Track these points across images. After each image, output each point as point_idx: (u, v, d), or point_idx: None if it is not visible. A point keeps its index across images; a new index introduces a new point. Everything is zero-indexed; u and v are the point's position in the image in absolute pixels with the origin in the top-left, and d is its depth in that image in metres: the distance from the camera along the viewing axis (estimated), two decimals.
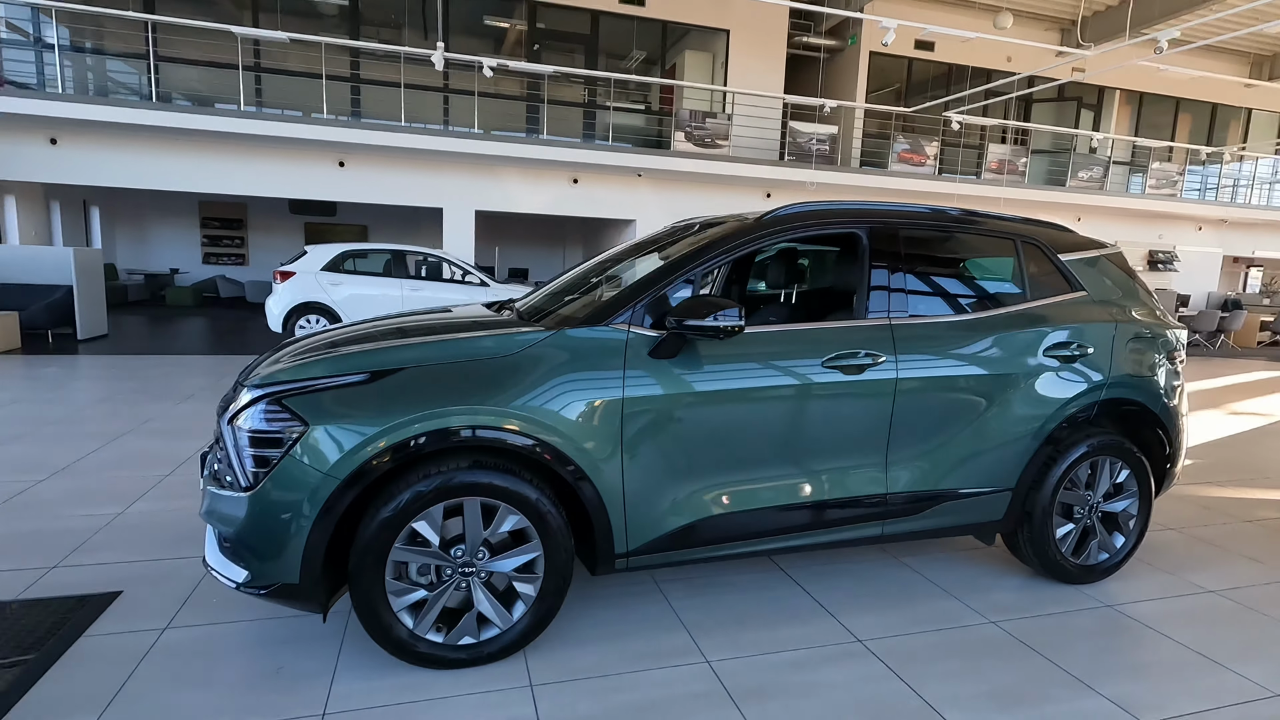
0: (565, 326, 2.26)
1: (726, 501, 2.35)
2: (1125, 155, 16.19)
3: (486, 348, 2.16)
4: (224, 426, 2.09)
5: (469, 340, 2.19)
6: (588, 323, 2.26)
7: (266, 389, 2.05)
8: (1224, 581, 3.04)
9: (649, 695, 2.06)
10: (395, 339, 2.27)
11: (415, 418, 2.00)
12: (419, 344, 2.16)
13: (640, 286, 2.34)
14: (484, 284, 8.95)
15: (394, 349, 2.14)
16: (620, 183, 12.58)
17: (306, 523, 1.96)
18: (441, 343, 2.17)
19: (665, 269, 2.38)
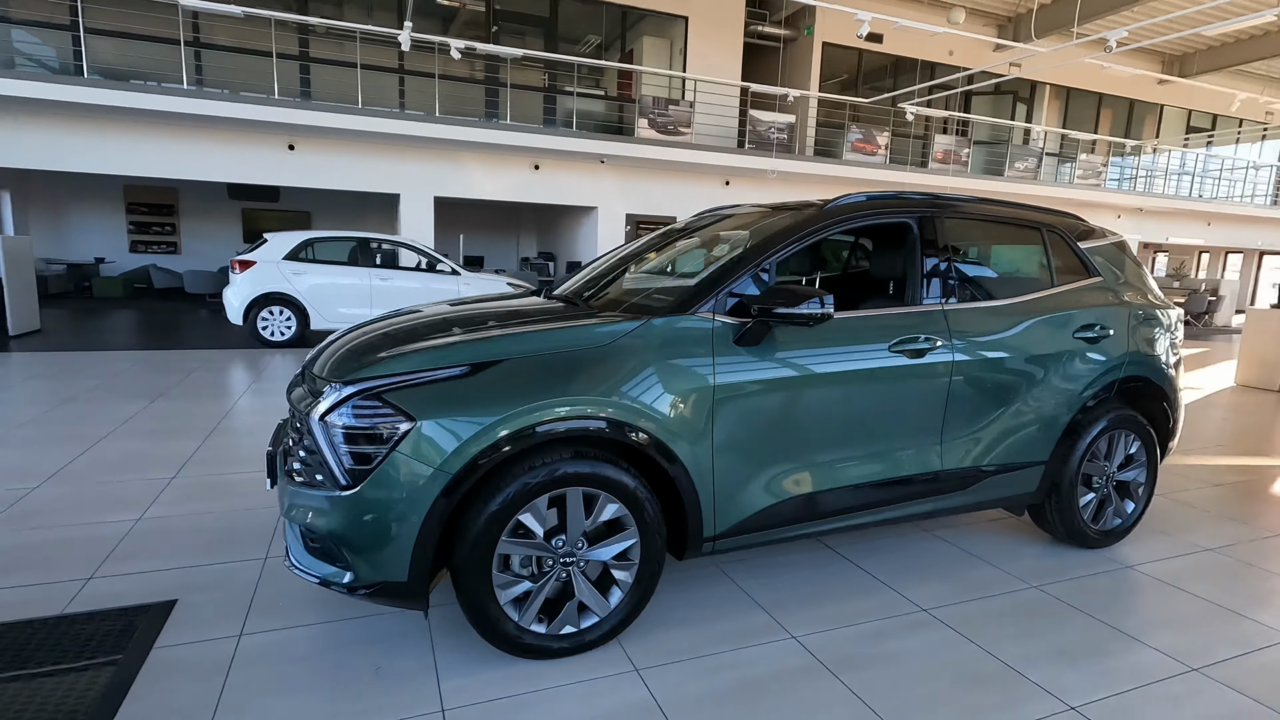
0: (651, 316, 2.27)
1: (803, 483, 2.43)
2: (1054, 147, 17.16)
3: (581, 338, 2.16)
4: (314, 424, 2.02)
5: (562, 331, 2.18)
6: (674, 311, 2.28)
7: (363, 384, 1.99)
8: (1217, 540, 3.34)
9: (752, 672, 2.13)
10: (475, 331, 2.23)
11: (524, 409, 1.98)
12: (514, 335, 2.14)
13: (720, 276, 2.38)
14: (455, 273, 8.75)
15: (490, 341, 2.11)
16: (583, 169, 12.48)
17: (417, 519, 1.93)
18: (537, 334, 2.15)
19: (742, 259, 2.42)
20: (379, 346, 2.22)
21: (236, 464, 3.88)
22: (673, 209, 13.37)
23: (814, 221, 2.55)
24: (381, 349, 2.19)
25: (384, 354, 2.11)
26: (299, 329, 8.10)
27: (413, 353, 2.06)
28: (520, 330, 2.18)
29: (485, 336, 2.14)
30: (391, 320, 2.69)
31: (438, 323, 2.44)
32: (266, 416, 4.95)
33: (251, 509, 3.25)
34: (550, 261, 15.50)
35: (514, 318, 2.41)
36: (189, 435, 4.39)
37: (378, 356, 2.09)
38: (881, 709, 1.98)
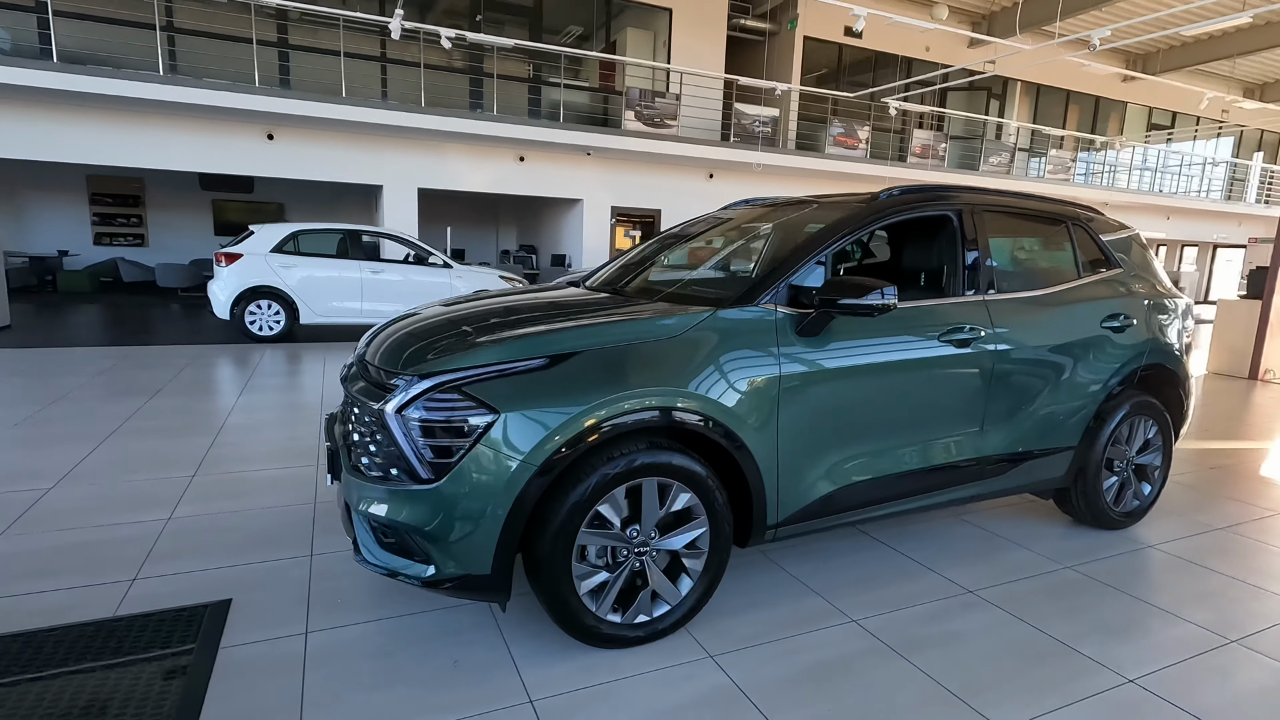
0: (713, 307, 2.29)
1: (859, 470, 2.48)
2: (1025, 143, 17.60)
3: (653, 330, 2.17)
4: (389, 418, 1.99)
5: (634, 323, 2.18)
6: (737, 303, 2.31)
7: (441, 377, 1.97)
8: (1223, 520, 3.50)
9: (823, 655, 2.18)
10: (542, 322, 2.22)
11: (606, 400, 1.99)
12: (588, 327, 2.14)
13: (780, 267, 2.40)
14: (446, 266, 8.64)
15: (565, 333, 2.10)
16: (568, 161, 12.41)
17: (502, 511, 1.92)
18: (610, 326, 2.15)
19: (798, 251, 2.45)
20: (443, 337, 2.21)
21: (255, 461, 3.79)
22: (657, 202, 13.38)
23: (867, 215, 2.59)
24: (446, 340, 2.17)
25: (457, 346, 2.09)
26: (288, 323, 7.92)
27: (489, 345, 2.05)
28: (592, 322, 2.18)
29: (560, 328, 2.13)
30: (437, 312, 2.66)
31: (490, 314, 2.43)
32: (274, 413, 4.85)
33: (281, 506, 3.18)
34: (533, 254, 15.39)
35: (574, 309, 2.41)
36: (198, 432, 4.27)
37: (451, 349, 2.07)
38: (955, 688, 2.04)
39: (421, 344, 2.19)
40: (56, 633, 2.09)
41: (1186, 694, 2.05)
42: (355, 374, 2.36)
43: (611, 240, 13.21)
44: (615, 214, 13.21)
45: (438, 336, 2.23)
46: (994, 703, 1.98)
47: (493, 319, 2.37)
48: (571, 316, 2.29)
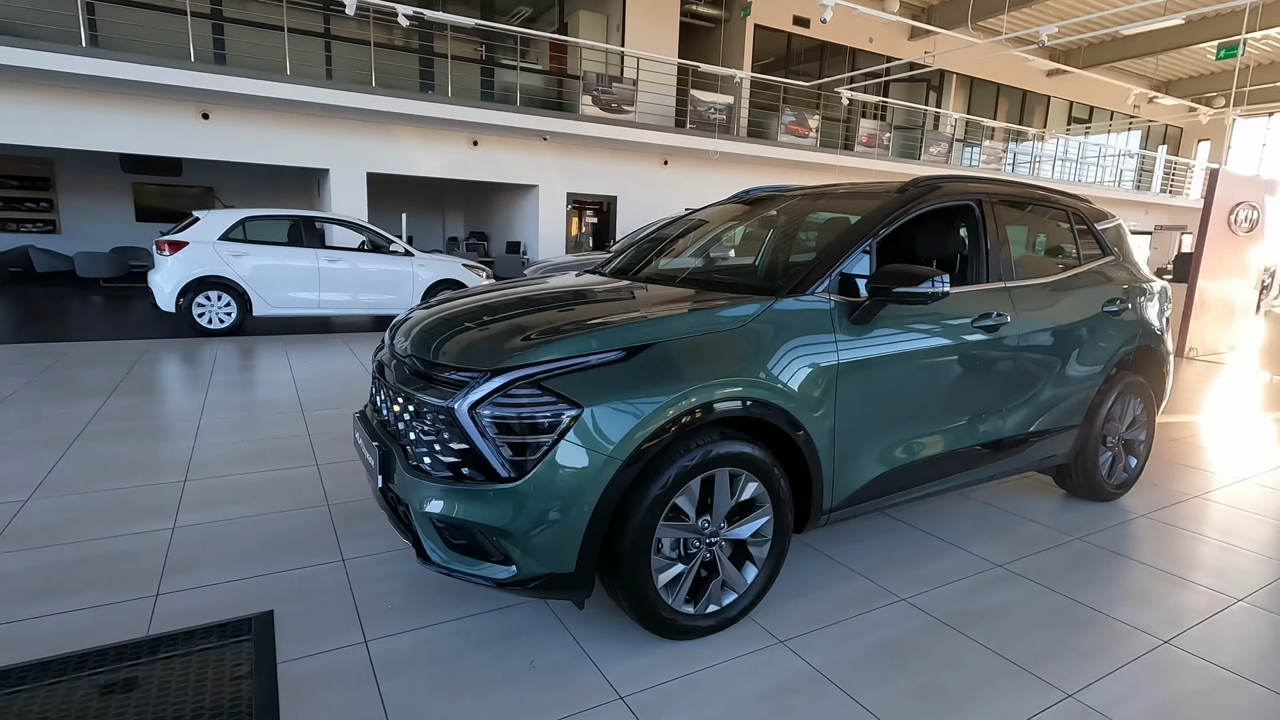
0: (773, 297, 2.30)
1: (903, 453, 2.55)
2: (961, 134, 18.34)
3: (722, 321, 2.16)
4: (460, 415, 1.91)
5: (700, 314, 2.16)
6: (794, 292, 2.32)
7: (518, 372, 1.91)
8: (1195, 488, 3.78)
9: (885, 634, 2.24)
10: (608, 314, 2.18)
11: (688, 391, 1.97)
12: (659, 319, 2.10)
13: (831, 257, 2.43)
14: (407, 254, 8.34)
15: (638, 325, 2.06)
16: (523, 146, 12.15)
17: (588, 508, 1.88)
18: (679, 317, 2.13)
19: (847, 241, 2.48)
20: (500, 330, 2.14)
21: (246, 463, 3.58)
22: (612, 189, 13.29)
23: (903, 203, 2.64)
24: (504, 332, 2.10)
25: (526, 339, 2.02)
26: (239, 315, 7.48)
27: (564, 338, 1.99)
28: (662, 313, 2.15)
29: (632, 320, 2.09)
30: (468, 300, 2.58)
31: (528, 303, 2.40)
32: (251, 411, 4.58)
33: (292, 510, 3.02)
34: (484, 242, 15.05)
35: (619, 298, 2.38)
36: (174, 435, 4.00)
37: (522, 342, 2.00)
38: (1014, 656, 2.14)
39: (481, 337, 2.11)
40: (93, 657, 1.93)
41: (1216, 652, 2.21)
42: (401, 370, 2.25)
43: (567, 227, 13.05)
44: (571, 200, 13.04)
45: (493, 328, 2.16)
46: (1053, 670, 2.08)
47: (533, 309, 2.32)
48: (640, 308, 2.25)
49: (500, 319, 2.26)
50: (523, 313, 2.30)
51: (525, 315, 2.26)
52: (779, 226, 3.19)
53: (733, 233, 3.42)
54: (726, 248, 3.38)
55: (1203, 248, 8.35)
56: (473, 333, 2.17)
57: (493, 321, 2.24)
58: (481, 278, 8.80)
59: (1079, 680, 2.03)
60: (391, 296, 8.22)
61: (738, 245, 3.32)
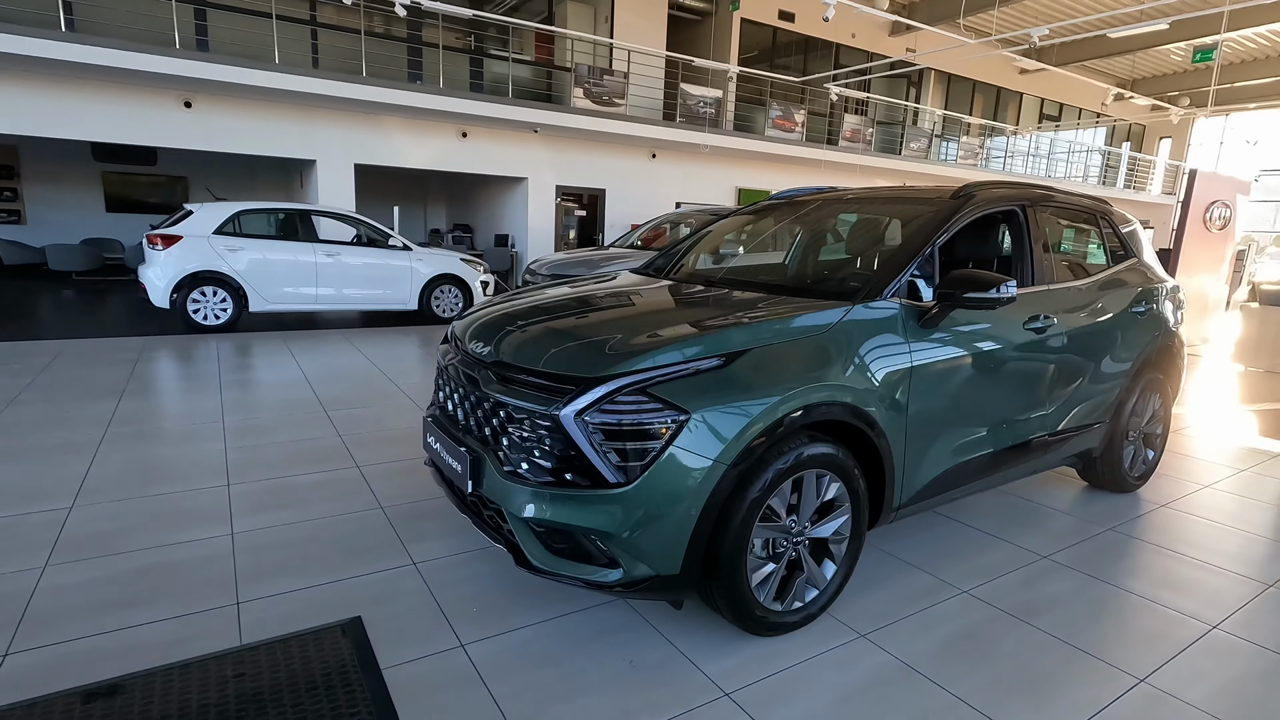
0: (849, 302, 2.36)
1: (964, 451, 2.65)
2: (940, 130, 18.67)
3: (806, 327, 2.22)
4: (568, 422, 1.94)
5: (790, 320, 2.21)
6: (869, 297, 2.39)
7: (626, 379, 1.94)
8: (1203, 478, 3.98)
9: (957, 625, 2.34)
10: (705, 320, 2.23)
11: (786, 397, 2.03)
12: (752, 325, 2.15)
13: (900, 263, 2.50)
14: (406, 248, 8.23)
15: (733, 330, 2.11)
16: (512, 138, 12.04)
17: (695, 511, 1.93)
18: (769, 323, 2.18)
19: (912, 247, 2.55)
20: (587, 334, 2.18)
21: (286, 467, 3.54)
22: (602, 182, 13.25)
23: (960, 209, 2.72)
24: (593, 337, 2.14)
25: (629, 347, 2.05)
26: (236, 311, 7.31)
27: (667, 345, 2.03)
28: (753, 320, 2.19)
29: (727, 326, 2.14)
30: (535, 301, 2.61)
31: (594, 305, 2.44)
32: (273, 412, 4.51)
33: (348, 514, 3.01)
34: (469, 234, 14.90)
35: (692, 304, 2.43)
36: (200, 437, 3.92)
37: (625, 350, 2.03)
38: (1083, 644, 2.25)
39: (579, 345, 2.13)
40: (196, 666, 1.91)
41: (1264, 635, 2.36)
42: (484, 374, 2.25)
43: (557, 221, 12.99)
44: (560, 193, 12.97)
45: (585, 334, 2.19)
46: (1121, 656, 2.20)
47: (612, 314, 2.37)
48: (711, 314, 2.30)
49: (585, 324, 2.29)
50: (606, 318, 2.33)
51: (610, 321, 2.29)
52: (827, 230, 3.26)
53: (777, 234, 3.48)
54: (773, 250, 3.44)
55: (1181, 244, 8.69)
56: (565, 339, 2.19)
57: (580, 326, 2.27)
58: (480, 272, 8.73)
59: (1146, 665, 2.16)
60: (389, 291, 8.12)
61: (791, 248, 3.38)
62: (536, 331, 2.29)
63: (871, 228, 2.94)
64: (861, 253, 2.82)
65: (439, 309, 8.49)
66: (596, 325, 2.25)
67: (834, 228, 3.19)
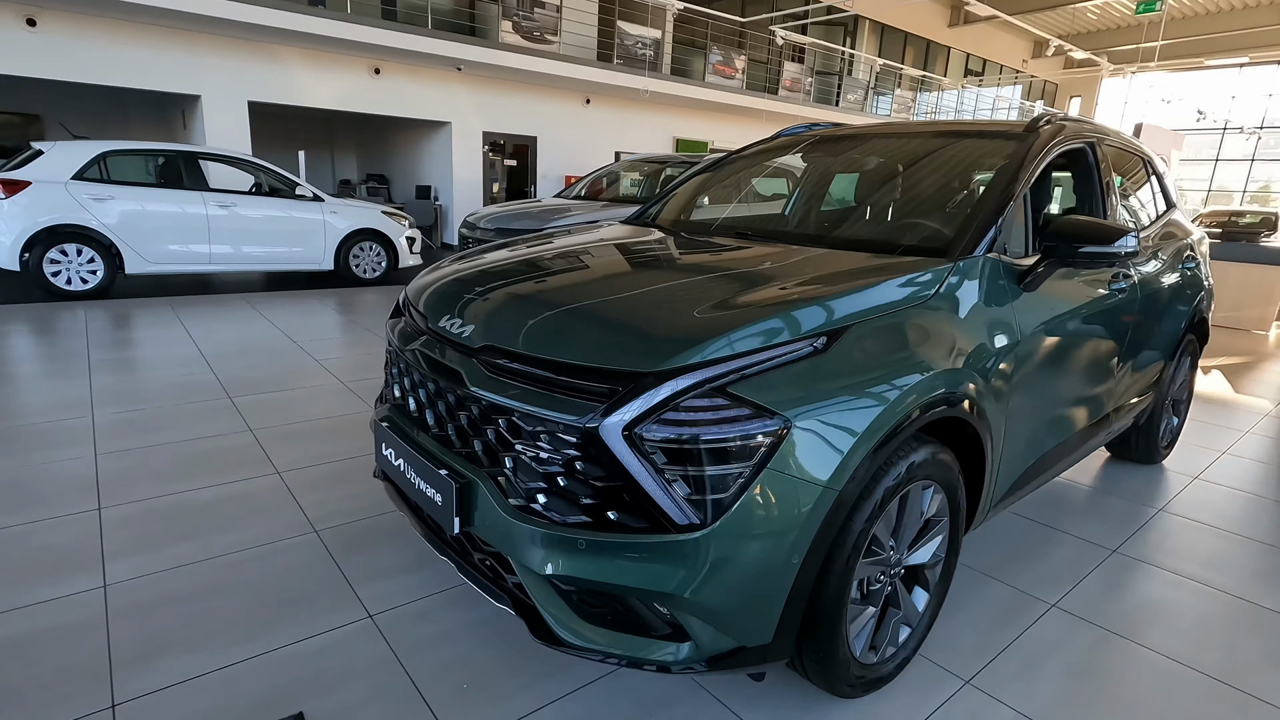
0: (943, 258, 1.83)
1: (1054, 436, 2.20)
2: (874, 82, 18.47)
3: (910, 293, 1.66)
4: (610, 439, 1.32)
5: (886, 282, 1.65)
6: (966, 251, 1.86)
7: (696, 374, 1.33)
8: (1215, 443, 3.78)
9: (1066, 657, 1.91)
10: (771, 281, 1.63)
11: (906, 390, 1.48)
12: (849, 292, 1.57)
13: (993, 208, 1.97)
14: (316, 199, 7.15)
15: (822, 300, 1.52)
16: (433, 77, 10.84)
17: (797, 557, 1.37)
18: (867, 288, 1.60)
19: (1002, 190, 2.02)
20: (618, 306, 1.56)
21: (180, 478, 2.75)
22: (532, 128, 12.25)
23: (1044, 145, 2.21)
24: (630, 312, 1.52)
25: (689, 325, 1.43)
26: (108, 274, 6.11)
27: (743, 322, 1.42)
28: (845, 284, 1.61)
29: (815, 293, 1.55)
30: (520, 257, 1.95)
31: (603, 264, 1.83)
32: (159, 401, 3.62)
33: (268, 545, 2.29)
34: (385, 185, 13.58)
35: (759, 264, 1.83)
36: (62, 440, 3.03)
37: (684, 329, 1.42)
38: (1211, 670, 1.88)
39: (611, 320, 1.50)
40: None
41: None
42: (469, 363, 1.58)
43: (485, 170, 11.93)
44: (487, 140, 11.89)
45: (616, 307, 1.55)
46: (1261, 684, 1.84)
47: (640, 277, 1.75)
48: (776, 275, 1.71)
49: (610, 292, 1.65)
50: (639, 284, 1.70)
51: (646, 289, 1.66)
52: (875, 171, 2.69)
53: (804, 176, 2.89)
54: (804, 194, 2.86)
55: None
56: (589, 313, 1.55)
57: (605, 296, 1.63)
58: (405, 227, 7.75)
59: None
60: (299, 249, 7.06)
61: (827, 193, 2.79)
62: (543, 302, 1.63)
63: (931, 167, 2.41)
64: (929, 198, 2.30)
65: (359, 269, 7.50)
66: (631, 295, 1.62)
67: (881, 168, 2.63)
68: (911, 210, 2.28)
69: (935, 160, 2.44)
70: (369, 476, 2.80)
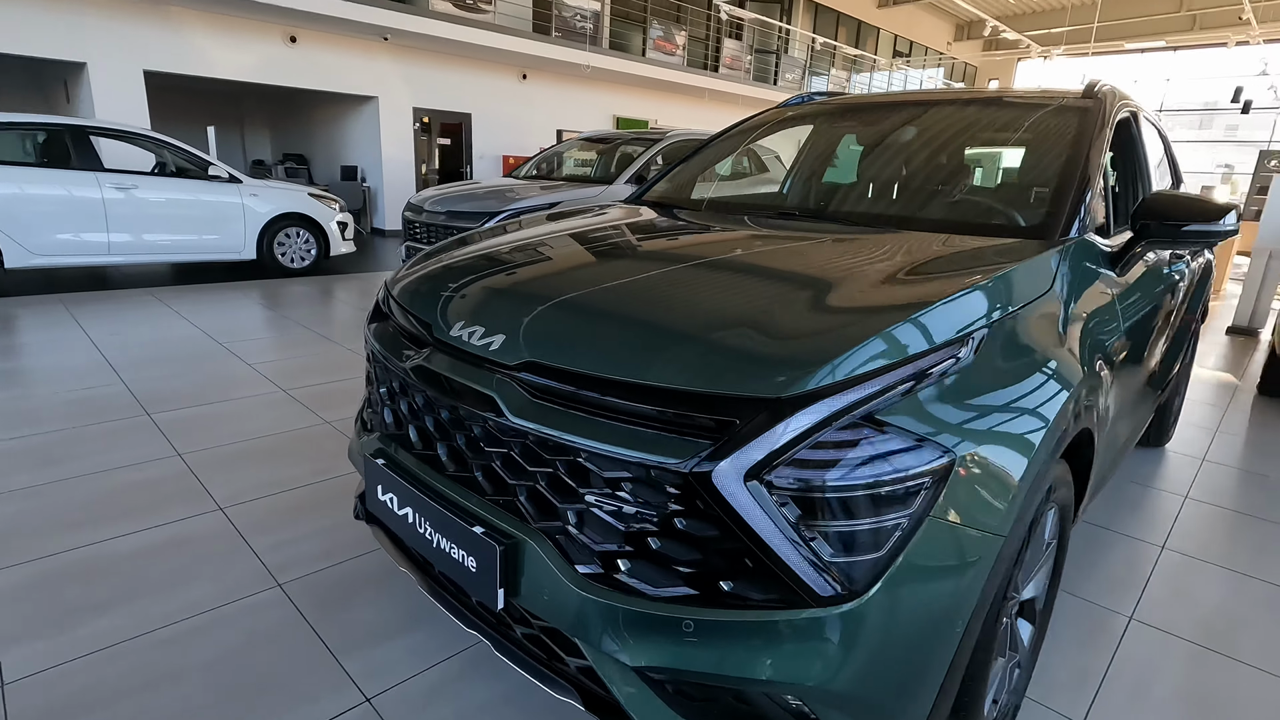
0: (1042, 238, 1.57)
1: (1127, 432, 2.01)
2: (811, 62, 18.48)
3: (1035, 282, 1.39)
4: (735, 486, 0.99)
5: (1009, 271, 1.36)
6: (1064, 231, 1.61)
7: (838, 399, 1.01)
8: (1201, 421, 3.77)
9: (1170, 681, 1.73)
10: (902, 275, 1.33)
11: (1065, 403, 1.21)
12: (975, 285, 1.27)
13: (1080, 183, 1.73)
14: (232, 180, 6.39)
15: (959, 297, 1.22)
16: (356, 47, 10.00)
17: (960, 625, 1.08)
18: (996, 278, 1.31)
19: (1084, 163, 1.78)
20: (696, 304, 1.24)
21: (97, 523, 2.23)
22: (466, 104, 11.55)
23: (1111, 111, 1.99)
24: (718, 313, 1.19)
25: (812, 333, 1.11)
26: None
27: (879, 329, 1.10)
28: (972, 275, 1.32)
29: (948, 288, 1.24)
30: (526, 236, 1.59)
31: (653, 251, 1.50)
32: (59, 422, 3.01)
33: (222, 607, 1.84)
34: (304, 166, 12.58)
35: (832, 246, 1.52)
36: None
37: (808, 339, 1.09)
38: None
39: (703, 328, 1.16)
40: None
41: None
42: (506, 386, 1.21)
43: (416, 150, 11.17)
44: (418, 117, 11.12)
45: (711, 311, 1.21)
46: None
47: (682, 266, 1.41)
48: (880, 266, 1.41)
49: (683, 290, 1.31)
50: (717, 282, 1.37)
51: (728, 288, 1.33)
52: (927, 144, 2.39)
53: (833, 148, 2.59)
54: (837, 169, 2.56)
55: None
56: (668, 318, 1.20)
57: (676, 295, 1.28)
58: (336, 211, 7.07)
59: None
60: (215, 237, 6.30)
61: (873, 166, 2.46)
62: (608, 306, 1.27)
63: (995, 139, 2.16)
64: (1004, 172, 2.06)
65: (285, 258, 6.78)
66: (724, 296, 1.27)
67: (937, 140, 2.33)
68: (988, 187, 2.03)
69: (997, 131, 2.19)
70: (333, 507, 2.36)
